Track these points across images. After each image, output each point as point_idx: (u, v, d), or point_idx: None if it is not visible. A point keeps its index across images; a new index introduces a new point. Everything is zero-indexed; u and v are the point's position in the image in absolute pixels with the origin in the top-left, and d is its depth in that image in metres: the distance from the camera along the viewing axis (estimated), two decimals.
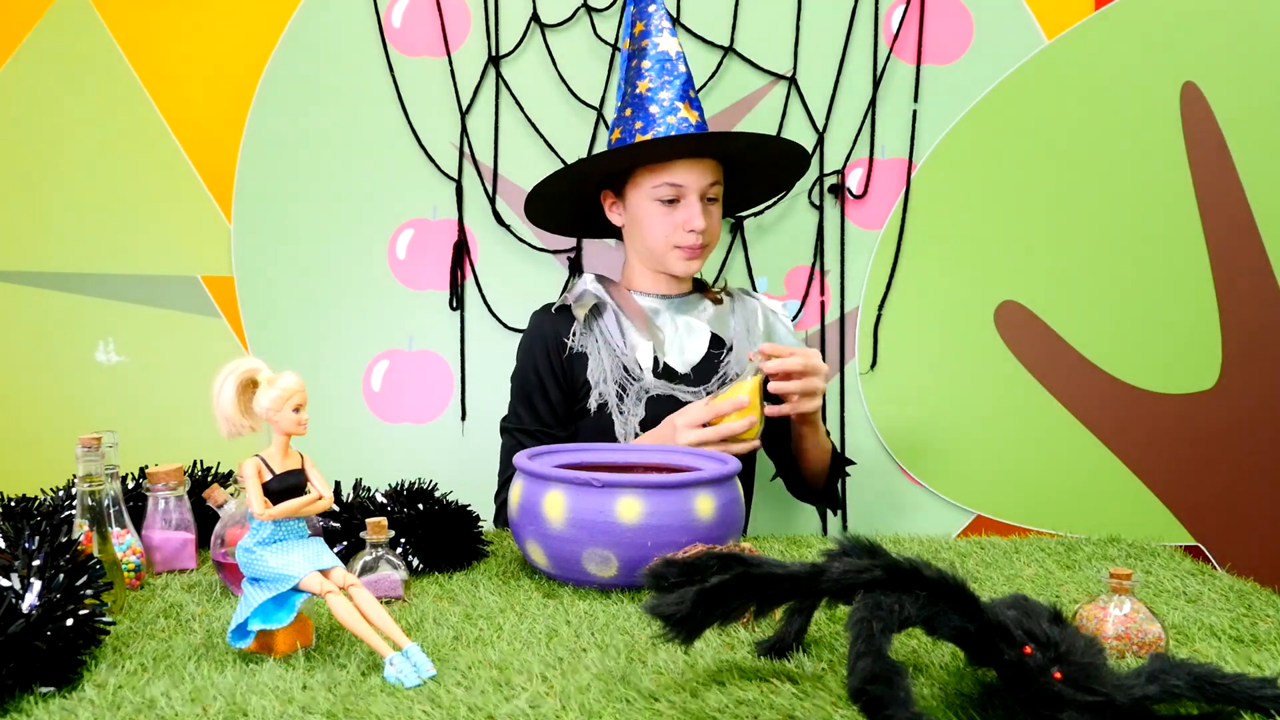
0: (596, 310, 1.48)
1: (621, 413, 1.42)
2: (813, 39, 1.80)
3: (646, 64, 1.45)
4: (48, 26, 1.79)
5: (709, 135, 1.40)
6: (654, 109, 1.42)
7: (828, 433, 1.49)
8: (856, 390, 1.83)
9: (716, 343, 1.49)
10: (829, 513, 1.79)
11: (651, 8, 1.48)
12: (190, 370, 1.81)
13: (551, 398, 1.46)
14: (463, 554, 1.12)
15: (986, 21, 1.80)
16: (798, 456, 1.49)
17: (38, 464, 1.79)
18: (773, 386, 1.30)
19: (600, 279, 1.50)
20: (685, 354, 1.46)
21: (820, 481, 1.50)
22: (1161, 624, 0.83)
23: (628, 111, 1.45)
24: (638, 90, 1.45)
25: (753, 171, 1.53)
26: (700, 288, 1.56)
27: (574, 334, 1.46)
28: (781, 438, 1.53)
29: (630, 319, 1.47)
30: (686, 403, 1.41)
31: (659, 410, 1.40)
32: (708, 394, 1.42)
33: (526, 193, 1.49)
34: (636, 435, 1.40)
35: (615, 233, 1.55)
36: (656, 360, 1.44)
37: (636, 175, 1.44)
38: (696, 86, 1.47)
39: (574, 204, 1.54)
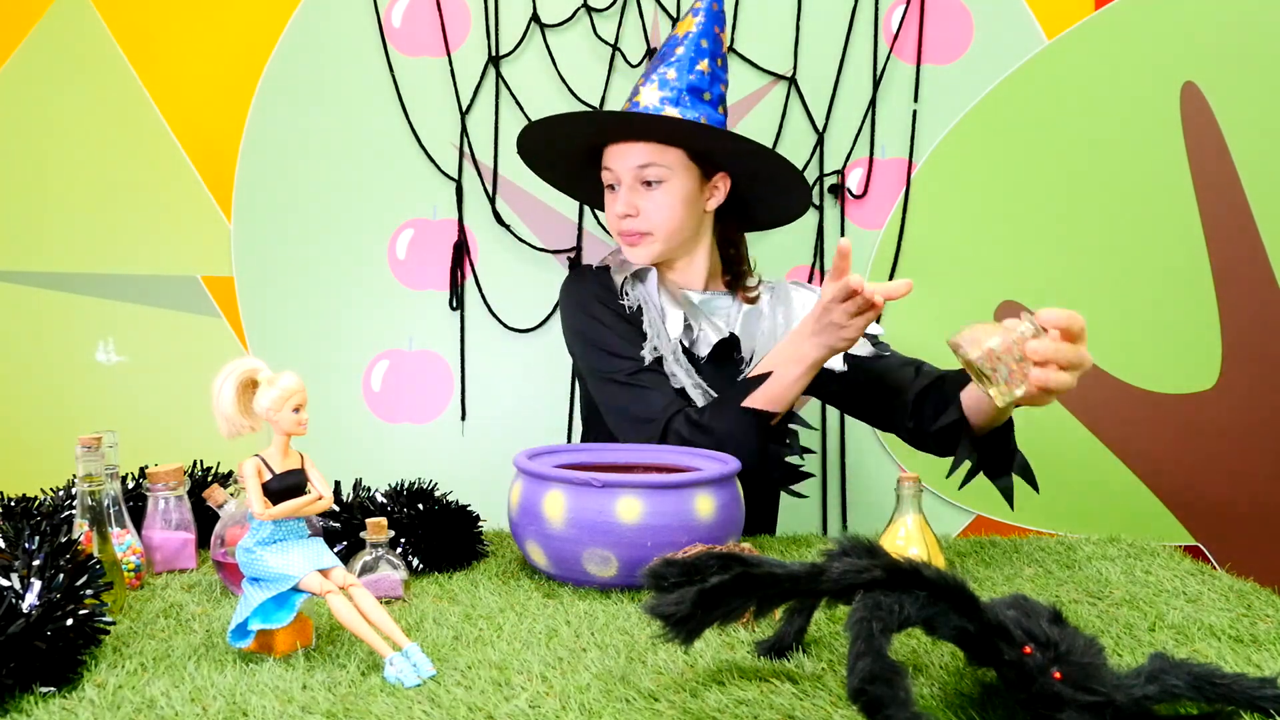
0: (640, 275, 1.40)
1: (673, 374, 1.32)
2: (813, 39, 1.80)
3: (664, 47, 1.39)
4: (48, 26, 1.79)
5: (584, 113, 1.34)
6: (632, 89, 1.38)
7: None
8: None
9: (729, 347, 1.38)
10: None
11: None
12: (190, 370, 1.81)
13: (627, 334, 1.35)
14: (463, 554, 1.12)
15: (986, 21, 1.80)
16: (972, 415, 1.16)
17: (38, 464, 1.79)
18: (1039, 348, 0.90)
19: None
20: (706, 347, 1.37)
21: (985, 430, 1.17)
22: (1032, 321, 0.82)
23: None
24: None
25: (741, 175, 1.40)
26: (735, 284, 1.44)
27: (622, 290, 1.38)
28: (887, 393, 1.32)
29: (669, 291, 1.39)
30: (690, 399, 1.29)
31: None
32: (710, 389, 1.32)
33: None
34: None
35: None
36: (681, 342, 1.36)
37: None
38: (685, 68, 1.34)
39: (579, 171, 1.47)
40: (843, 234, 1.82)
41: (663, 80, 1.34)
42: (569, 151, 1.42)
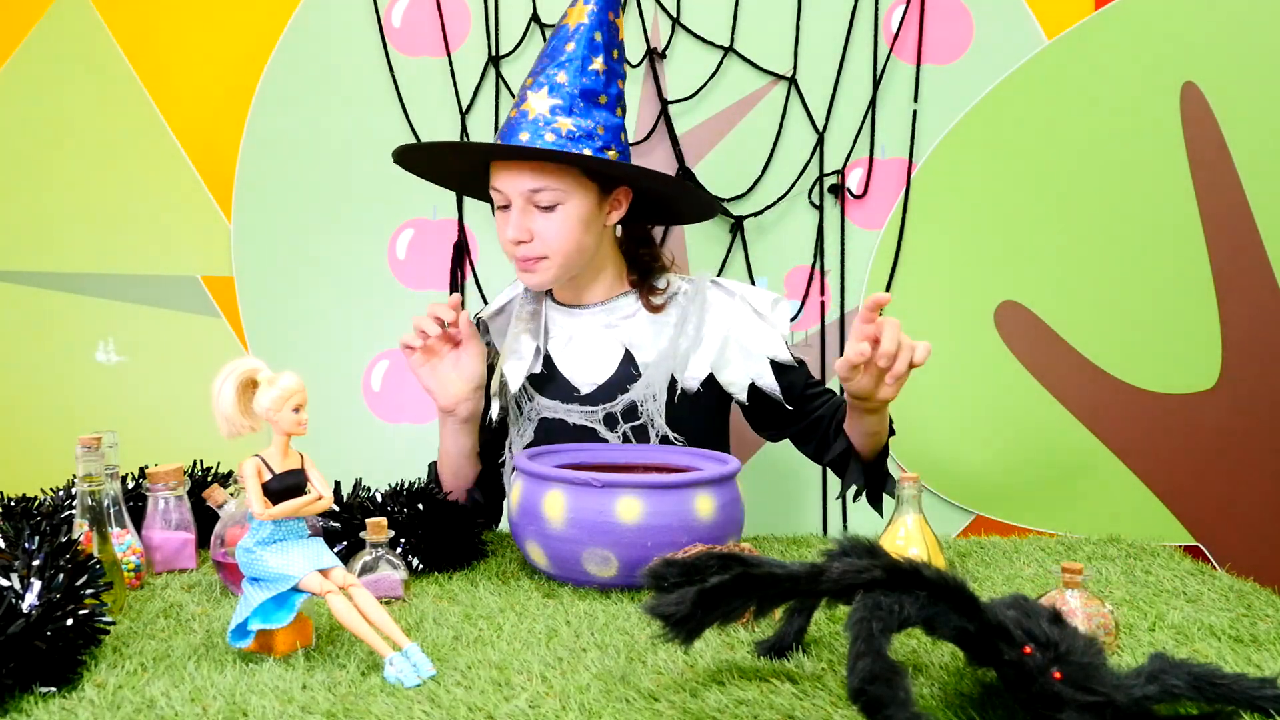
0: (486, 327, 1.39)
1: (520, 433, 1.32)
2: (813, 39, 1.80)
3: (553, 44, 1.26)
4: (48, 26, 1.79)
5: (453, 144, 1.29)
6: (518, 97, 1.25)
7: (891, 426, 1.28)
8: None
9: (632, 359, 1.31)
10: (847, 499, 1.49)
11: None
12: (190, 370, 1.81)
13: None
14: (463, 554, 1.12)
15: (986, 21, 1.80)
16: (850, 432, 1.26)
17: (38, 464, 1.79)
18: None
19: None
20: (588, 372, 1.31)
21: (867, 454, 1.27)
22: (1111, 608, 0.84)
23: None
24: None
25: (640, 189, 1.32)
26: (642, 285, 1.35)
27: (491, 343, 1.38)
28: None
29: (518, 331, 1.33)
30: (577, 425, 1.28)
31: (549, 432, 1.29)
32: (606, 415, 1.27)
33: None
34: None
35: None
36: (551, 377, 1.32)
37: None
38: (578, 69, 1.23)
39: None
40: (843, 233, 1.82)
41: (553, 85, 1.22)
42: (458, 169, 1.35)
